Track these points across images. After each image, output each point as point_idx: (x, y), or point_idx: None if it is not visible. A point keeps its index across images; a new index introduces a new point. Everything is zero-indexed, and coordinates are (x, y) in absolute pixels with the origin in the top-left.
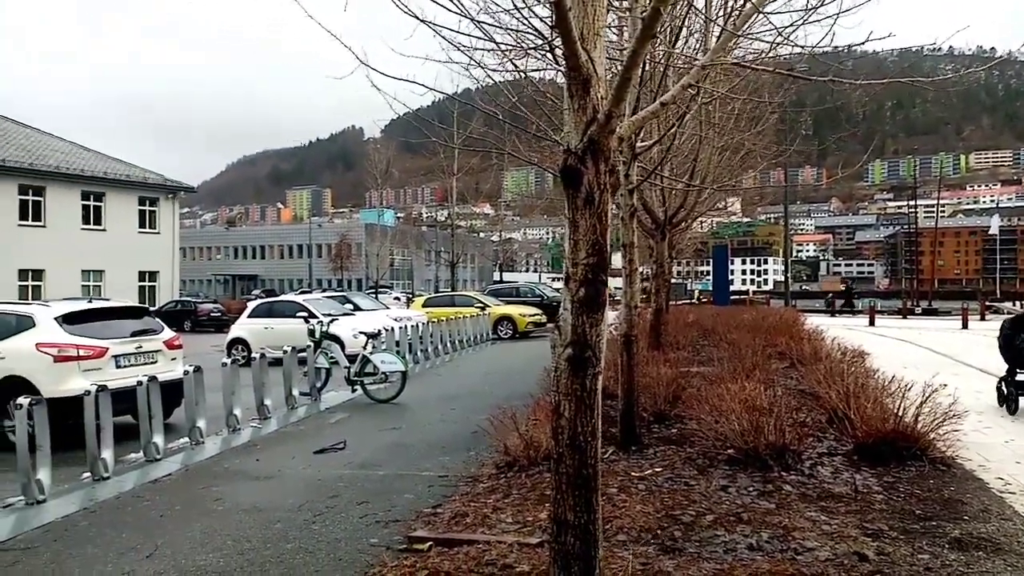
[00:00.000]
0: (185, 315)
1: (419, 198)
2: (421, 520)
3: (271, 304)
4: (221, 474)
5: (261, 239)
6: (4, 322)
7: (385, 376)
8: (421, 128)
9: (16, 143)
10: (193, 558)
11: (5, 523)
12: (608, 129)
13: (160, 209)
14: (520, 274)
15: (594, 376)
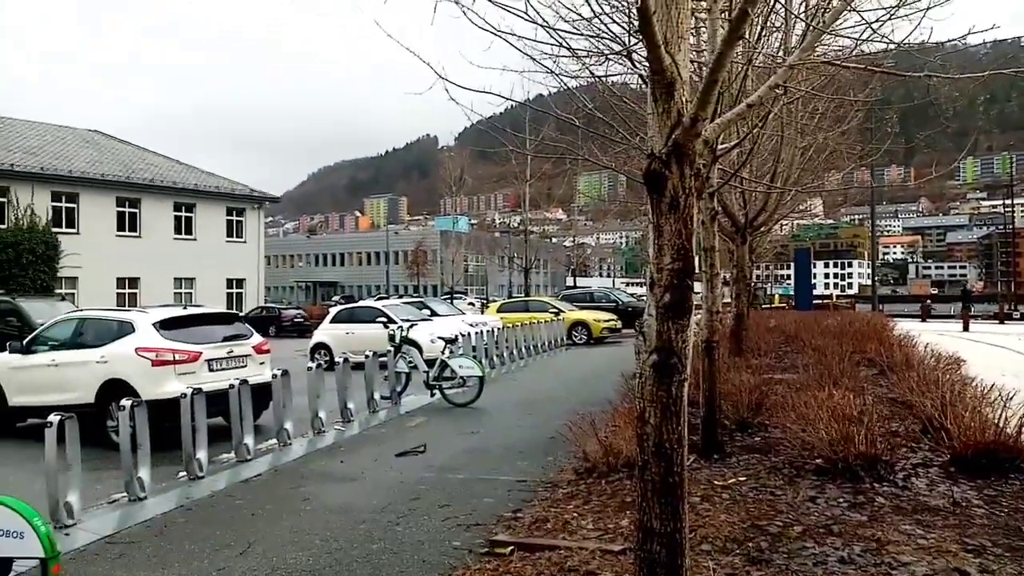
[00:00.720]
0: (270, 321)
1: (492, 204)
2: (502, 524)
3: (352, 310)
4: (308, 475)
5: (340, 247)
6: (106, 328)
7: (463, 381)
8: (496, 135)
9: (114, 158)
10: (284, 556)
11: (111, 518)
12: (693, 133)
13: (246, 219)
14: (593, 279)
15: (680, 383)
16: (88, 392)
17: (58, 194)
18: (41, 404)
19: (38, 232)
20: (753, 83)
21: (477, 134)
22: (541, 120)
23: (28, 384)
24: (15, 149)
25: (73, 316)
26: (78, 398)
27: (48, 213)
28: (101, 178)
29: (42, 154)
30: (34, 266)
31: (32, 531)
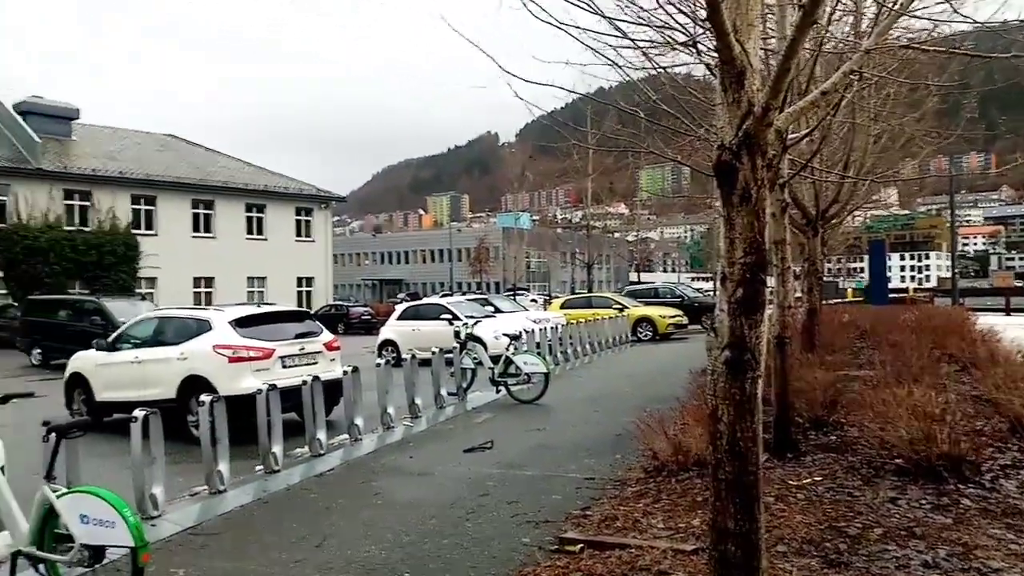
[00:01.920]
0: (338, 318)
1: (554, 200)
2: (571, 522)
3: (417, 307)
4: (379, 470)
5: (405, 245)
6: (186, 326)
7: (528, 377)
8: (558, 130)
9: (189, 161)
10: (357, 549)
11: (193, 510)
12: (765, 122)
13: (314, 219)
14: (657, 274)
15: (754, 380)
16: (169, 388)
17: (137, 197)
18: (126, 399)
19: (119, 234)
20: (823, 69)
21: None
22: (603, 114)
23: (113, 380)
24: (98, 155)
25: (154, 315)
26: (160, 394)
27: (128, 216)
28: (177, 181)
29: (122, 159)
30: (116, 267)
31: (122, 521)
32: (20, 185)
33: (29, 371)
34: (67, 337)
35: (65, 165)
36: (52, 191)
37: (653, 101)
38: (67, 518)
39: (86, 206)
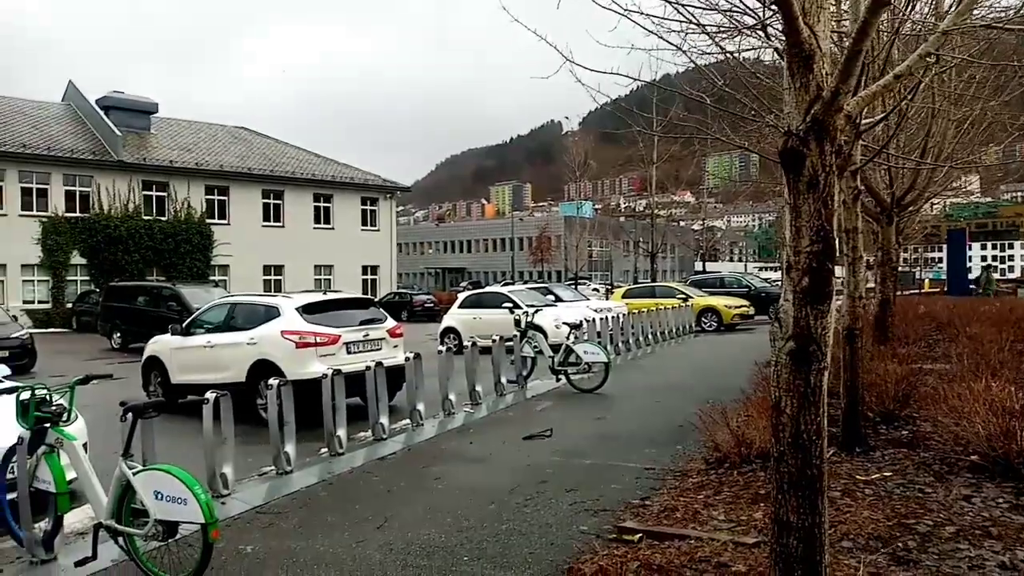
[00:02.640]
0: (402, 306)
1: (617, 188)
2: (630, 511)
3: (479, 295)
4: (439, 455)
5: (467, 234)
6: (255, 312)
7: (588, 366)
8: (622, 117)
9: (259, 152)
10: (418, 532)
11: (261, 489)
12: (834, 107)
13: (379, 208)
14: (724, 263)
15: (819, 372)
16: (240, 372)
17: (211, 187)
18: (198, 382)
19: (194, 223)
20: (900, 52)
21: (602, 118)
22: (668, 100)
23: (187, 364)
24: (173, 147)
25: (225, 301)
26: (231, 377)
27: (202, 205)
28: (248, 172)
29: (196, 150)
30: (191, 255)
31: (194, 499)
32: (102, 177)
33: (109, 354)
34: (145, 322)
35: (144, 157)
36: (132, 182)
37: (720, 87)
38: (143, 494)
39: (163, 196)
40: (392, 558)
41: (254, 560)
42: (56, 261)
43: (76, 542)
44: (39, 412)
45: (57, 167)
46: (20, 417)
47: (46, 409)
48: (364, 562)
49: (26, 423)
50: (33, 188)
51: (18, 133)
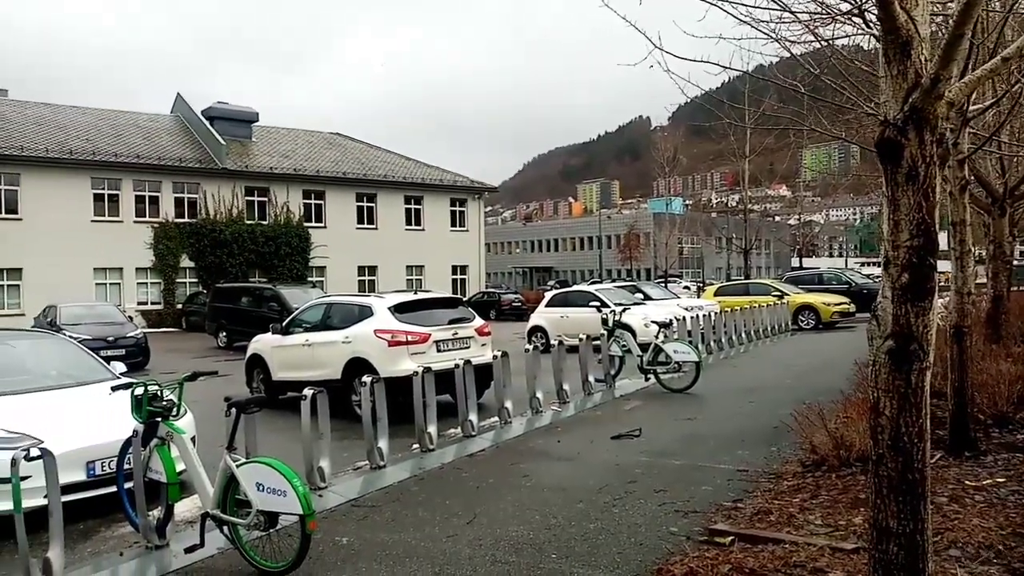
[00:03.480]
0: (490, 305)
1: (708, 184)
2: (721, 513)
3: (566, 294)
4: (527, 452)
5: (555, 232)
6: (350, 311)
7: (678, 366)
8: (712, 110)
9: (353, 157)
10: (506, 528)
11: (355, 483)
12: (934, 94)
13: (468, 209)
14: (822, 259)
15: (920, 371)
16: (336, 369)
17: (308, 192)
18: (297, 379)
19: (293, 227)
20: (1015, 33)
21: (691, 112)
22: (761, 91)
23: (287, 361)
24: (273, 154)
25: (322, 301)
26: (327, 374)
27: (300, 209)
28: (343, 176)
29: (295, 156)
30: (290, 257)
31: (293, 491)
32: (208, 184)
33: (215, 352)
34: (247, 321)
35: (246, 164)
36: (235, 188)
37: (816, 76)
38: (246, 486)
39: (264, 201)
40: (481, 553)
41: (349, 551)
42: (167, 264)
43: (185, 530)
44: (151, 407)
45: (167, 176)
46: (135, 411)
47: (158, 404)
48: (454, 556)
49: (140, 417)
50: (146, 196)
51: (132, 145)
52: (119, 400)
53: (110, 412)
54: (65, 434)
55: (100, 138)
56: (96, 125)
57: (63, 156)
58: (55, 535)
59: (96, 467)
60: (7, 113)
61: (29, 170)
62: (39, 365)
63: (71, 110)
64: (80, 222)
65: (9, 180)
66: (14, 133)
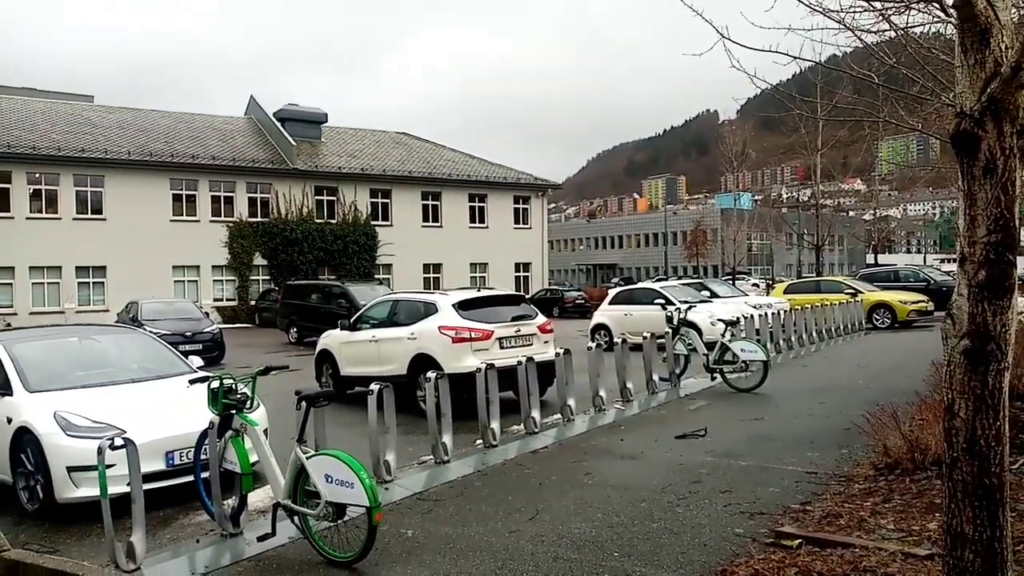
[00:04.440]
0: (553, 302)
1: (778, 178)
2: (788, 516)
3: (630, 292)
4: (589, 450)
5: (619, 229)
6: (415, 308)
7: (745, 365)
8: (783, 102)
9: (418, 156)
10: (568, 525)
11: (420, 477)
12: (1014, 84)
13: (531, 206)
14: (899, 255)
15: (998, 372)
16: (401, 365)
17: (375, 191)
18: (364, 374)
19: (360, 225)
20: None
21: (760, 105)
22: (834, 82)
23: (354, 357)
24: (342, 154)
25: (388, 298)
26: (393, 370)
27: (367, 208)
28: (409, 175)
29: (362, 156)
30: (358, 255)
31: (360, 483)
32: (280, 184)
33: (287, 347)
34: (317, 317)
35: (316, 164)
36: (305, 188)
37: (891, 65)
38: (315, 477)
39: (332, 200)
40: (543, 549)
41: (414, 543)
42: (241, 262)
43: (258, 519)
44: (227, 400)
45: (241, 176)
46: (211, 404)
47: (232, 397)
48: (516, 552)
49: (216, 409)
50: (221, 196)
51: (209, 147)
52: (196, 393)
53: (188, 404)
54: (146, 425)
55: (179, 141)
56: (175, 128)
57: (144, 158)
58: (137, 521)
59: (175, 457)
60: (93, 118)
61: (113, 172)
62: (122, 359)
63: (152, 114)
64: (160, 222)
65: (95, 182)
66: (99, 137)
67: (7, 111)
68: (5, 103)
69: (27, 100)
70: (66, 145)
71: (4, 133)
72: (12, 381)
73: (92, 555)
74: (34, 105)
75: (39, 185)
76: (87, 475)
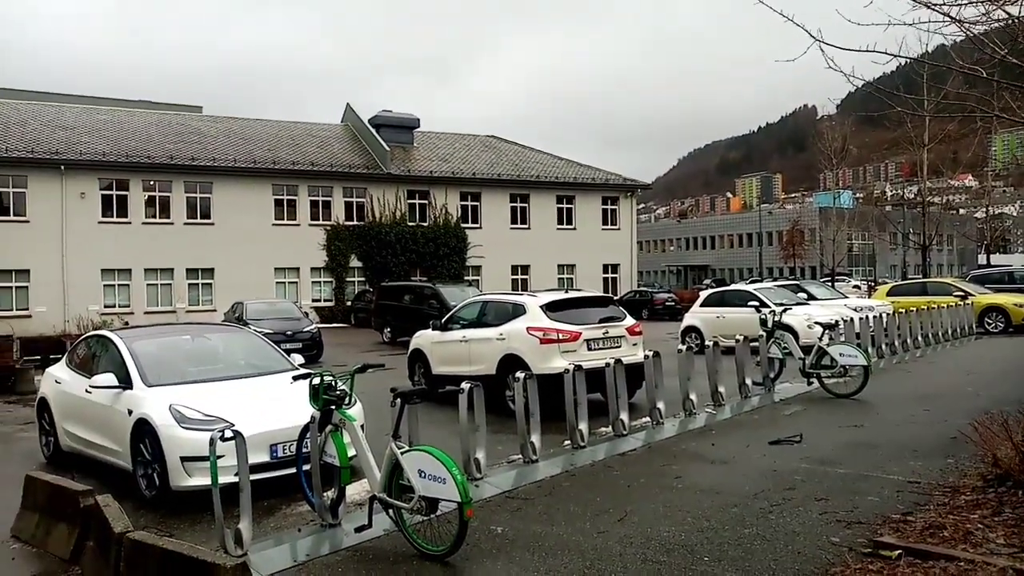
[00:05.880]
0: (642, 304)
1: (881, 175)
2: (888, 526)
3: (722, 293)
4: (679, 454)
5: (711, 229)
6: (504, 309)
7: (844, 370)
8: (883, 99)
9: (507, 159)
10: (657, 528)
11: (509, 476)
12: None
13: (620, 207)
14: (1015, 256)
15: None
16: (490, 365)
17: (465, 194)
18: (455, 374)
19: (451, 228)
20: None
21: (862, 99)
22: (942, 76)
23: (445, 356)
24: (432, 158)
25: (478, 299)
26: (483, 370)
27: (457, 211)
28: (497, 178)
29: (452, 160)
30: (448, 257)
31: (452, 479)
32: (374, 188)
33: (381, 347)
34: (410, 318)
35: (408, 169)
36: (398, 192)
37: (1002, 56)
38: (409, 472)
39: (424, 204)
40: (632, 551)
41: (503, 540)
42: (338, 264)
43: (355, 511)
44: (327, 396)
45: (338, 181)
46: (312, 400)
47: (332, 393)
48: (605, 552)
49: (317, 405)
50: (319, 201)
51: (308, 153)
52: (298, 389)
53: (290, 400)
54: (253, 419)
55: (280, 148)
56: (277, 136)
57: (248, 165)
58: (244, 509)
59: (278, 450)
60: (202, 128)
61: (220, 179)
62: (230, 356)
63: (255, 123)
64: (263, 226)
65: (203, 188)
66: (208, 146)
67: (126, 123)
68: (124, 116)
69: (143, 112)
70: (178, 154)
71: (123, 144)
72: (132, 376)
73: (203, 540)
74: (149, 117)
75: (153, 192)
76: (199, 465)
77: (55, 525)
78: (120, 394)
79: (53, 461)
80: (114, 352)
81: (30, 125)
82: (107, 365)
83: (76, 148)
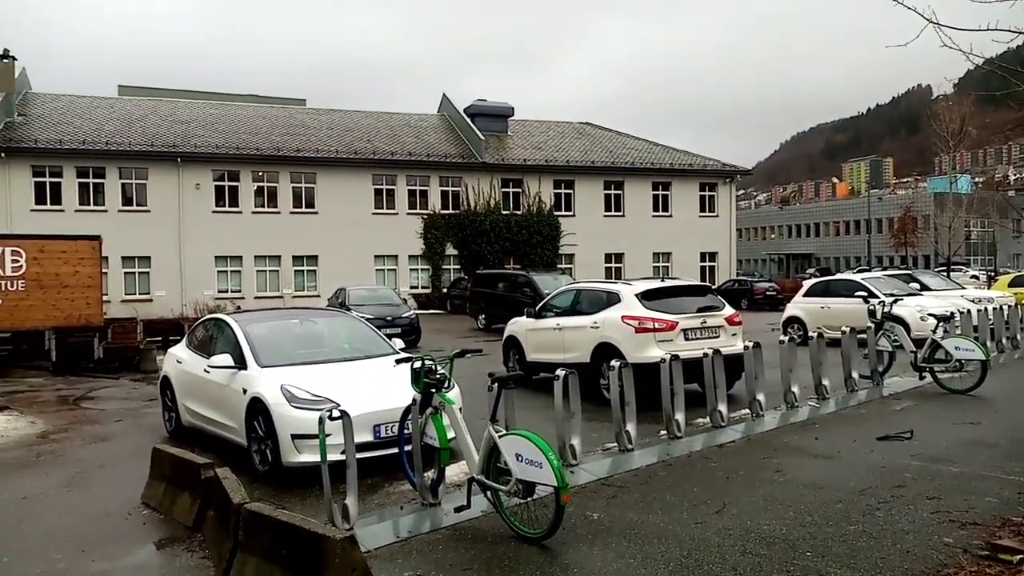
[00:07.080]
0: (742, 293)
1: (1004, 158)
2: (1008, 528)
3: (828, 283)
4: (780, 447)
5: (815, 216)
6: (598, 298)
7: (960, 364)
8: (1008, 76)
9: (601, 146)
10: (757, 521)
11: (604, 464)
12: None
13: (718, 193)
14: None
15: None
16: (585, 353)
17: (558, 182)
18: (549, 361)
19: (544, 216)
20: None
21: (982, 78)
22: None
23: (539, 343)
24: (526, 146)
25: (572, 287)
26: (577, 357)
27: (551, 199)
28: (591, 165)
29: (546, 148)
30: (541, 245)
31: (548, 464)
32: (469, 177)
33: (476, 333)
34: (504, 305)
35: (502, 158)
36: (492, 180)
37: None
38: (506, 455)
39: (517, 192)
40: (730, 543)
41: (600, 526)
42: (434, 252)
43: (454, 492)
44: (427, 379)
45: (435, 171)
46: (414, 383)
47: (432, 377)
48: (702, 543)
49: (418, 388)
50: (416, 190)
51: (406, 144)
52: (400, 372)
53: (392, 382)
54: (358, 400)
55: (379, 139)
56: (375, 127)
57: (350, 156)
58: (351, 486)
59: (381, 430)
60: (306, 120)
61: (323, 169)
62: (336, 340)
63: (355, 114)
64: (363, 214)
65: (308, 179)
66: (312, 138)
67: (236, 117)
68: (234, 110)
69: (251, 106)
70: (284, 146)
71: (234, 137)
72: (247, 356)
73: (312, 513)
74: (256, 110)
75: (262, 183)
76: (308, 443)
77: (179, 494)
78: (236, 374)
79: (175, 435)
80: (230, 334)
81: (150, 120)
82: (224, 347)
83: (191, 141)
